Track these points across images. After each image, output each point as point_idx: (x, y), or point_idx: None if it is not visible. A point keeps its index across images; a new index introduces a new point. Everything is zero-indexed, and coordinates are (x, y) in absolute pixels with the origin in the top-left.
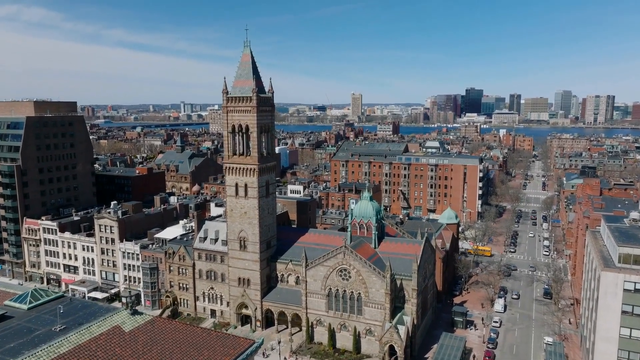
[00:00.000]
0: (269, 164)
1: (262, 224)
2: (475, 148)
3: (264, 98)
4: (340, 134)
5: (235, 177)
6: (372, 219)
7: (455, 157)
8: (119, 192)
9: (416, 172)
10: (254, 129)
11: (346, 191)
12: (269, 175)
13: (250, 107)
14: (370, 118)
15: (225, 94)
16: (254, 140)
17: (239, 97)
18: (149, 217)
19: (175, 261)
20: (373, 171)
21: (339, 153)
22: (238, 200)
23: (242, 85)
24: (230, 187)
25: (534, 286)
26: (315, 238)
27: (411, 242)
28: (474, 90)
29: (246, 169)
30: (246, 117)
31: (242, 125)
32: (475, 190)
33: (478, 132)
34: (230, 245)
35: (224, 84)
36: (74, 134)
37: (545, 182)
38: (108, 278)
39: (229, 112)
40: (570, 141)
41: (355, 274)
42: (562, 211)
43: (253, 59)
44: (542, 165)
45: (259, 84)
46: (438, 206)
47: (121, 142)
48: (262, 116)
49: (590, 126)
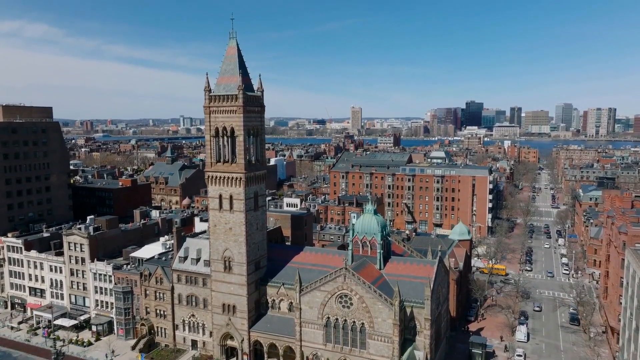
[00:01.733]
0: (257, 173)
1: (249, 242)
2: (480, 160)
3: (251, 97)
4: (340, 146)
5: (218, 187)
6: (376, 236)
7: (462, 168)
8: (99, 206)
9: (421, 184)
10: (241, 132)
11: (346, 204)
12: (258, 186)
13: (236, 107)
14: (370, 131)
15: (208, 92)
16: (240, 145)
17: (223, 96)
18: (126, 233)
19: (151, 284)
20: (375, 183)
21: (338, 164)
22: (222, 214)
23: (227, 82)
24: (213, 199)
25: (558, 309)
26: (311, 258)
27: (422, 262)
28: (474, 103)
29: (231, 178)
30: (231, 119)
31: (226, 128)
32: (485, 203)
33: (481, 143)
34: (214, 266)
35: (205, 81)
36: (47, 142)
37: (555, 194)
38: (78, 303)
39: (212, 113)
40: (579, 152)
41: (358, 301)
42: (579, 225)
43: (240, 52)
44: (549, 178)
45: (246, 80)
46: (445, 220)
47: (114, 155)
48: (250, 117)
49: (592, 139)
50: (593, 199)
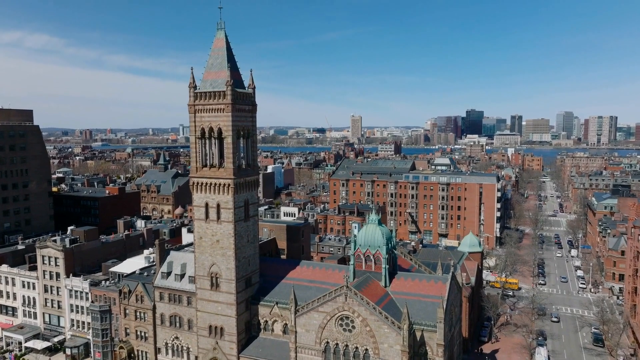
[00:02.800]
0: (248, 179)
1: (239, 256)
2: (484, 167)
3: (241, 94)
4: (340, 154)
5: (204, 195)
6: (381, 249)
7: (469, 175)
8: (84, 216)
9: (425, 192)
10: (229, 133)
11: (347, 213)
12: (248, 193)
13: (224, 105)
14: (370, 140)
15: (192, 88)
16: (229, 148)
17: (210, 93)
18: (107, 246)
19: (131, 302)
20: (377, 191)
21: (338, 171)
22: (208, 225)
23: (214, 78)
24: (198, 209)
25: (578, 327)
26: (308, 273)
27: (432, 278)
28: (474, 111)
29: (218, 185)
30: (219, 118)
31: (213, 129)
32: (493, 212)
33: (484, 151)
34: (199, 283)
35: (190, 77)
36: (26, 147)
37: (562, 202)
38: (52, 322)
39: (197, 112)
40: (585, 160)
41: (361, 324)
42: (593, 235)
43: (229, 45)
44: (555, 185)
45: (235, 76)
46: (450, 230)
47: (109, 163)
48: (240, 117)
49: (594, 147)
50: (608, 207)
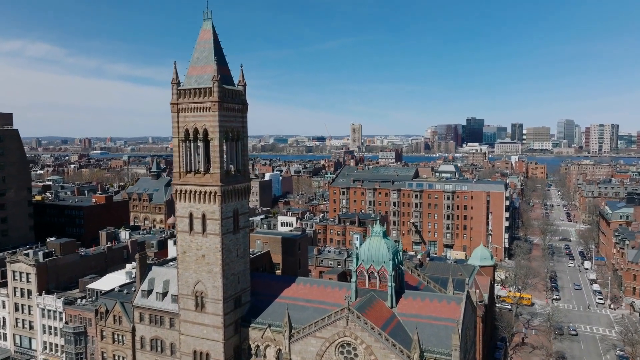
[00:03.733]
0: (238, 186)
1: (227, 273)
2: (487, 175)
3: (230, 91)
4: (340, 162)
5: (188, 204)
6: (386, 265)
7: (475, 183)
8: (69, 226)
9: (429, 201)
10: (216, 135)
11: (347, 223)
12: (238, 202)
13: (210, 103)
14: (370, 148)
15: (176, 85)
16: (216, 151)
17: (194, 90)
18: (87, 259)
19: (109, 323)
20: (378, 200)
21: (338, 179)
22: (193, 238)
23: (200, 73)
24: (181, 219)
25: (600, 348)
26: (305, 291)
27: (444, 298)
28: (474, 119)
29: (204, 193)
30: (204, 118)
31: (198, 130)
32: (502, 222)
33: (486, 159)
34: (182, 303)
35: (173, 72)
36: (3, 153)
37: (569, 211)
38: (23, 345)
39: (181, 111)
40: (591, 168)
41: (365, 352)
42: (607, 246)
43: (216, 37)
44: (560, 194)
45: (223, 71)
46: (456, 241)
47: (103, 171)
48: (228, 116)
49: (596, 155)
50: (624, 217)
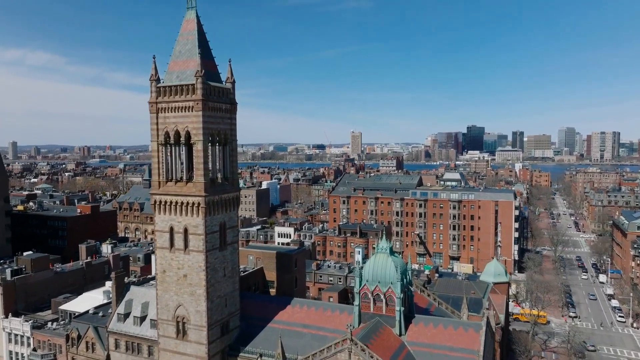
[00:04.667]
0: (225, 196)
1: (212, 295)
2: (491, 183)
3: (217, 88)
4: (340, 169)
5: (169, 216)
6: (394, 287)
7: (482, 192)
8: (51, 238)
9: (434, 211)
10: (199, 138)
11: (348, 234)
12: (225, 214)
13: (193, 102)
14: (370, 156)
15: (155, 82)
16: (199, 157)
17: (176, 87)
18: (62, 276)
19: (80, 351)
20: (381, 209)
21: (338, 188)
22: (174, 255)
23: (182, 69)
24: (161, 234)
25: None
26: (302, 315)
27: (460, 324)
28: (475, 127)
29: (186, 204)
30: (187, 119)
31: (179, 132)
32: (511, 233)
33: (489, 166)
34: (162, 329)
35: (152, 67)
36: None
37: (577, 220)
38: None
39: (161, 111)
40: (598, 175)
41: None
42: (624, 259)
43: (201, 28)
44: (566, 202)
45: (209, 66)
46: (463, 253)
47: (98, 179)
48: (214, 117)
49: (597, 163)
50: None
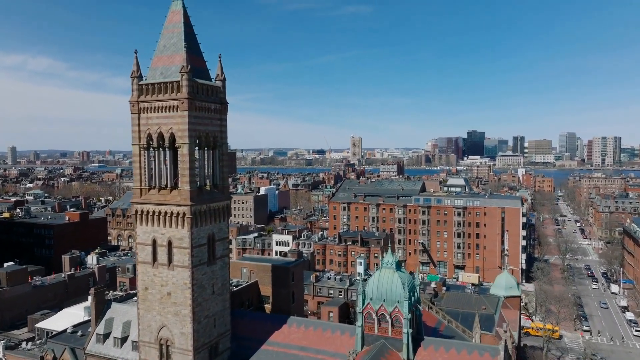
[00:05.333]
0: (214, 205)
1: (199, 315)
2: (494, 189)
3: (205, 86)
4: (340, 175)
5: (151, 228)
6: (401, 306)
7: (488, 198)
8: (37, 247)
9: (438, 217)
10: (185, 140)
11: (349, 243)
12: (215, 225)
13: (178, 101)
14: (370, 161)
15: (137, 79)
16: (185, 162)
17: (160, 85)
18: (42, 290)
19: None
20: (382, 216)
21: (339, 193)
22: (157, 271)
23: (167, 64)
24: (143, 248)
25: None
26: (299, 336)
27: (475, 348)
28: (475, 132)
29: (170, 215)
30: (171, 119)
31: (163, 134)
32: (518, 241)
33: (492, 172)
34: (144, 352)
35: (134, 63)
36: None
37: (583, 227)
38: None
39: (143, 112)
40: (603, 181)
41: None
42: (636, 268)
43: (188, 19)
44: (570, 208)
45: (196, 62)
46: (468, 261)
47: (94, 185)
48: (202, 118)
49: (599, 168)
50: None
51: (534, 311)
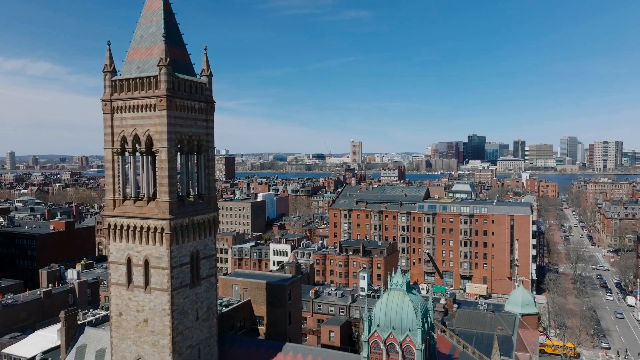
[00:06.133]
0: (199, 218)
1: (179, 346)
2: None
3: (187, 82)
4: (341, 180)
5: (126, 244)
6: (413, 335)
7: (496, 205)
8: (19, 258)
9: (444, 225)
10: (164, 144)
11: (350, 252)
12: (199, 242)
13: (155, 99)
14: (370, 166)
15: (110, 74)
16: (163, 169)
17: (136, 80)
18: (14, 310)
19: None
20: (385, 223)
21: (339, 200)
22: (132, 294)
23: (144, 57)
24: (116, 267)
25: None
26: None
27: None
28: (476, 137)
29: (147, 230)
30: (148, 120)
31: (139, 137)
32: (529, 250)
33: (495, 176)
34: None
35: (107, 56)
36: None
37: (590, 234)
38: None
39: (117, 111)
40: (610, 186)
41: None
42: None
43: (169, 6)
44: (575, 214)
45: (178, 54)
46: (475, 272)
47: (89, 190)
48: (183, 118)
49: (601, 172)
50: None
51: (547, 326)
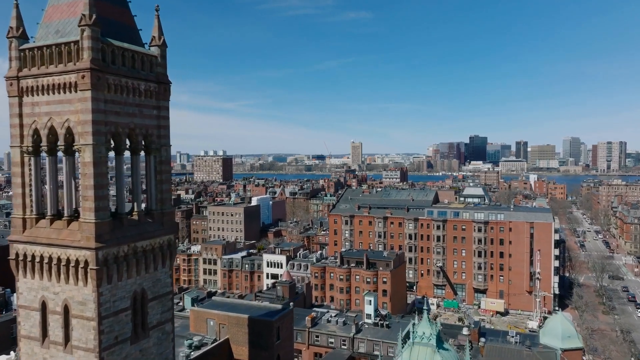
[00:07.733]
0: (144, 244)
1: None
2: (507, 197)
3: (128, 52)
4: (341, 182)
5: (39, 282)
6: None
7: (513, 211)
8: None
9: (455, 233)
10: (87, 140)
11: (352, 265)
12: (146, 277)
13: (76, 74)
14: (371, 167)
15: (16, 40)
16: (88, 175)
17: (51, 48)
18: None
19: None
20: (390, 231)
21: (340, 205)
22: (48, 353)
23: (65, 17)
24: (27, 314)
25: None
26: None
27: None
28: (477, 137)
29: (67, 263)
30: (68, 106)
31: (56, 129)
32: (550, 261)
33: (501, 178)
34: None
35: (12, 15)
36: None
37: (606, 240)
38: None
39: (27, 94)
40: (625, 188)
41: None
42: None
43: None
44: (587, 218)
45: (115, 13)
46: (490, 284)
47: None
48: (120, 103)
49: (604, 173)
50: None
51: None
